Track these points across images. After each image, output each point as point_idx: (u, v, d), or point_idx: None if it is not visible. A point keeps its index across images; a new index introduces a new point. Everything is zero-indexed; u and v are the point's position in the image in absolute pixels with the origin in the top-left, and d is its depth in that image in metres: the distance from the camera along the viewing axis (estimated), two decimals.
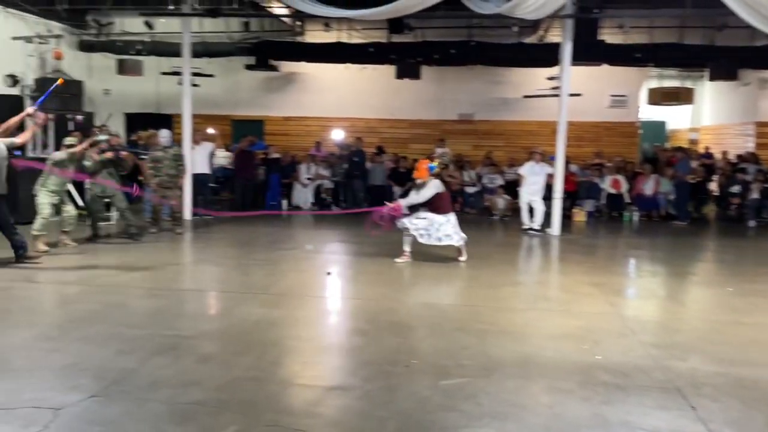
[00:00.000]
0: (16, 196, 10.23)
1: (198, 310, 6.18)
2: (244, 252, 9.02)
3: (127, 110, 16.55)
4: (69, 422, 3.47)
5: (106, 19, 14.73)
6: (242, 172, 13.14)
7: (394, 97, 15.73)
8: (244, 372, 4.32)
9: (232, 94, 16.26)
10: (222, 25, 13.86)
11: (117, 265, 7.60)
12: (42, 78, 11.34)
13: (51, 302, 6.19)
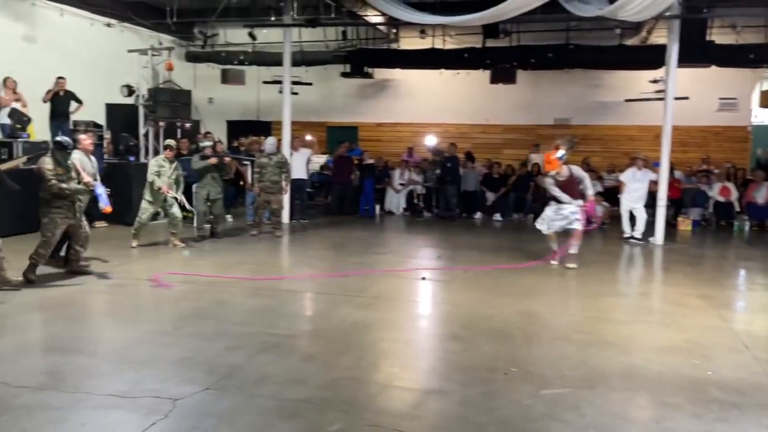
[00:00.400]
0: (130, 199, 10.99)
1: (298, 311, 6.40)
2: (339, 255, 9.22)
3: (228, 118, 17.34)
4: (186, 412, 3.68)
5: (212, 31, 15.51)
6: (339, 177, 13.44)
7: (488, 102, 15.62)
8: (344, 372, 4.43)
9: (327, 101, 16.67)
10: (319, 35, 14.25)
11: (221, 265, 7.96)
12: (155, 88, 12.05)
13: (163, 299, 6.55)
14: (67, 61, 13.02)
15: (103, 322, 5.60)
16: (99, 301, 6.30)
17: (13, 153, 9.77)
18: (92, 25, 13.41)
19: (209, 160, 9.46)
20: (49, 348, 4.80)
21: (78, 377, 4.18)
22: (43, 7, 12.53)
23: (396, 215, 13.86)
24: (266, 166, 10.16)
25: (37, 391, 3.94)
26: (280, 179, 10.28)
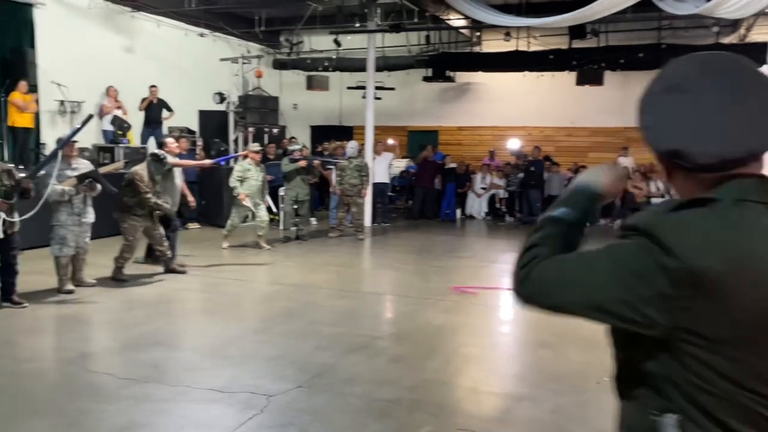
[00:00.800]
0: (221, 202, 11.43)
1: (384, 313, 6.47)
2: (421, 258, 9.24)
3: (312, 123, 17.71)
4: (281, 408, 3.79)
5: (297, 38, 15.93)
6: (422, 180, 13.48)
7: (574, 105, 15.24)
8: (432, 375, 4.44)
9: (408, 106, 16.74)
10: (402, 40, 14.35)
11: (307, 267, 8.16)
12: (245, 95, 12.47)
13: (255, 299, 6.79)
14: (163, 70, 13.70)
15: (200, 319, 5.85)
16: (195, 299, 6.59)
17: (114, 157, 10.35)
18: (186, 36, 14.04)
19: (299, 162, 9.70)
20: (151, 343, 5.05)
21: (179, 371, 4.39)
22: (142, 19, 13.23)
23: (477, 220, 13.76)
24: (346, 170, 10.33)
25: (142, 383, 4.16)
26: (360, 182, 10.43)
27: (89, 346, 4.91)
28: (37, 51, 11.22)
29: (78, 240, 6.38)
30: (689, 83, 1.14)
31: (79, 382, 4.18)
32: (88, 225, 6.50)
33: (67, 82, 11.23)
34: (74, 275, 6.53)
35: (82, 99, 11.87)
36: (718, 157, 1.09)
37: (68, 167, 6.28)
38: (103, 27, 12.60)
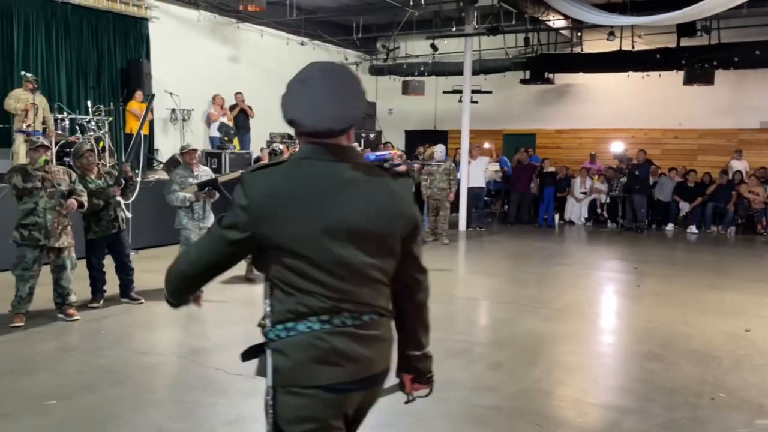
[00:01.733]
0: None
1: (481, 319, 6.41)
2: (519, 264, 9.08)
3: (407, 127, 17.83)
4: (380, 410, 3.70)
5: (394, 44, 16.10)
6: (518, 185, 13.27)
7: (681, 105, 14.50)
8: (534, 383, 4.36)
9: (504, 109, 16.52)
10: (499, 42, 14.19)
11: None
12: None
13: None
14: (265, 78, 14.23)
15: None
16: None
17: (222, 163, 10.85)
18: (288, 45, 14.54)
19: (399, 167, 9.78)
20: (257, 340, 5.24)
21: None
22: (247, 30, 13.82)
23: (577, 225, 13.36)
24: (435, 173, 10.34)
25: (250, 379, 4.32)
26: (448, 186, 10.40)
27: (201, 342, 5.17)
28: (151, 62, 11.98)
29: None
30: (311, 79, 1.75)
31: (192, 376, 4.41)
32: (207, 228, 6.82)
33: (178, 91, 11.90)
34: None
35: (191, 107, 12.54)
36: (310, 128, 1.73)
37: (190, 174, 6.60)
38: (210, 38, 13.25)
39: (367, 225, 1.75)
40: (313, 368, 1.74)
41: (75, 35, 11.07)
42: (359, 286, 1.76)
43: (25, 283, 5.43)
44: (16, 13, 10.26)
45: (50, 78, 10.67)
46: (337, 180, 1.74)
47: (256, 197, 1.71)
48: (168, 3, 12.26)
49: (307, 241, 1.70)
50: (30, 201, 5.43)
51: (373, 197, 1.77)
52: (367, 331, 1.79)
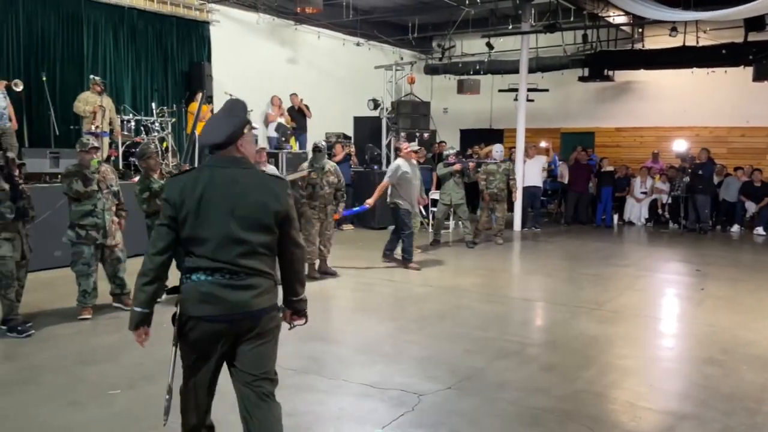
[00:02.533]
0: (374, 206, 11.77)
1: (534, 320, 6.35)
2: (574, 265, 8.93)
3: (461, 126, 17.74)
4: (431, 408, 3.87)
5: (449, 43, 16.05)
6: (575, 184, 13.03)
7: (749, 102, 13.93)
8: (586, 386, 4.30)
9: (562, 107, 16.24)
10: (557, 39, 13.96)
11: (455, 271, 8.20)
12: (397, 101, 12.78)
13: (405, 300, 6.96)
14: (322, 78, 14.44)
15: (354, 317, 6.10)
16: (350, 297, 6.88)
17: (279, 162, 11.06)
18: (344, 45, 14.70)
19: (454, 166, 9.76)
20: (310, 336, 5.34)
21: (336, 365, 4.62)
22: (304, 31, 14.04)
23: (636, 226, 13.03)
24: (494, 173, 10.24)
25: (302, 374, 4.43)
26: (507, 187, 10.32)
27: None
28: (212, 64, 12.32)
29: None
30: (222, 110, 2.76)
31: None
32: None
33: (237, 93, 12.15)
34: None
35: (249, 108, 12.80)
36: (206, 144, 2.78)
37: None
38: (269, 40, 13.53)
39: (248, 212, 2.59)
40: (193, 304, 2.61)
41: (141, 39, 11.50)
42: (239, 252, 2.59)
43: (88, 278, 5.70)
44: (86, 19, 10.74)
45: (117, 81, 11.12)
46: (227, 180, 2.61)
47: (172, 193, 2.61)
48: (228, 6, 12.58)
49: (203, 222, 2.57)
50: (88, 203, 5.65)
51: (254, 193, 2.62)
52: (239, 282, 2.60)
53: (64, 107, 9.63)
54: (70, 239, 5.68)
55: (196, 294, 2.59)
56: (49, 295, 6.24)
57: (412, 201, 8.23)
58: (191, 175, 2.63)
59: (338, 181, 7.61)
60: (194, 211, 2.56)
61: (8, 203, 5.02)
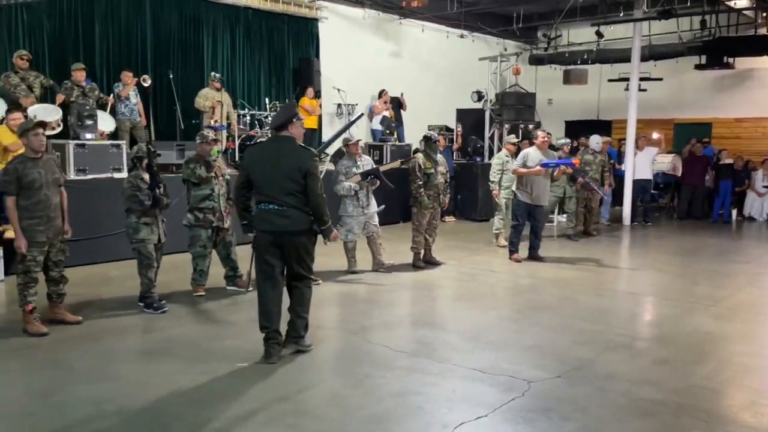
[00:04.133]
0: (476, 197, 11.83)
1: (644, 314, 6.22)
2: (688, 261, 8.60)
3: (567, 118, 17.34)
4: (540, 394, 3.94)
5: (555, 32, 15.72)
6: (690, 177, 12.45)
7: None
8: (701, 381, 4.21)
9: (676, 97, 15.51)
10: (671, 26, 13.36)
11: (560, 263, 8.12)
12: (502, 92, 12.71)
13: (510, 290, 7.00)
14: (426, 71, 14.59)
15: (459, 305, 6.21)
16: (453, 286, 7.00)
17: (383, 154, 11.33)
18: (447, 38, 14.76)
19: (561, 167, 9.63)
20: (419, 322, 5.55)
21: (445, 350, 4.76)
22: (408, 25, 14.23)
23: (758, 222, 12.30)
24: (590, 164, 10.02)
25: (413, 357, 4.61)
26: (602, 178, 10.07)
27: (367, 320, 5.54)
28: (320, 60, 12.76)
29: (367, 227, 7.18)
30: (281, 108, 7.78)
31: (361, 350, 4.78)
32: (373, 214, 7.24)
33: (343, 87, 12.57)
34: (373, 258, 7.38)
35: (355, 102, 13.19)
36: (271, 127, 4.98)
37: (354, 164, 7.11)
38: (374, 35, 13.83)
39: (287, 169, 4.30)
40: (259, 222, 4.42)
41: (254, 37, 12.10)
42: (282, 193, 4.30)
43: (204, 258, 6.18)
44: (205, 19, 11.43)
45: (233, 77, 11.77)
46: (277, 148, 4.41)
47: (246, 157, 4.80)
48: (336, 3, 12.98)
49: (263, 173, 4.37)
50: (207, 188, 6.13)
51: (290, 157, 4.33)
52: (281, 212, 4.32)
53: (185, 103, 10.33)
54: (189, 222, 6.16)
55: (260, 216, 4.42)
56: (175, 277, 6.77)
57: (539, 194, 7.99)
58: (259, 145, 4.69)
59: (446, 171, 7.74)
60: (260, 167, 4.39)
61: (146, 191, 5.52)
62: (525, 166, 7.90)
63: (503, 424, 3.55)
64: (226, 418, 3.56)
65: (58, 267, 5.14)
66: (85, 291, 6.23)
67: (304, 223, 4.36)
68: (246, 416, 3.60)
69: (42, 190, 4.88)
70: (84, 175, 7.47)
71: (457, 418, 3.58)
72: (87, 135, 7.66)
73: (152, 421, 3.52)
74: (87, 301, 5.90)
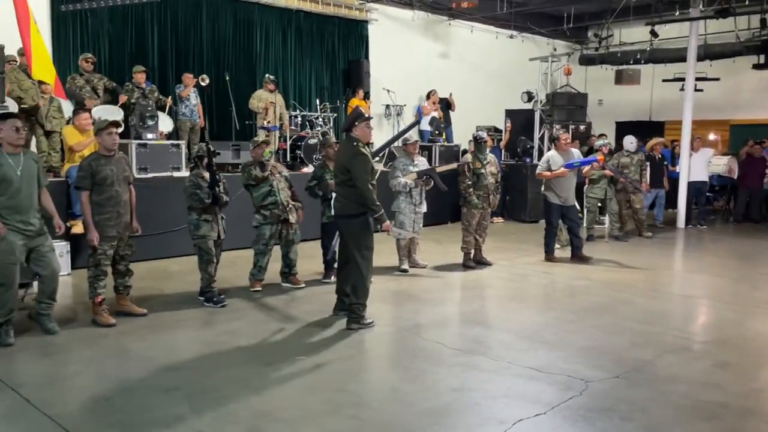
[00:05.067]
0: (525, 198, 11.76)
1: (702, 317, 6.10)
2: (745, 264, 8.37)
3: (618, 119, 17.05)
4: (599, 393, 3.92)
5: (607, 32, 15.50)
6: (747, 179, 12.11)
7: None
8: (766, 385, 4.13)
9: (732, 97, 15.09)
10: (729, 25, 13.02)
11: (612, 265, 8.01)
12: (553, 93, 12.60)
13: (563, 291, 6.95)
14: (475, 72, 14.58)
15: (511, 305, 6.20)
16: (505, 286, 6.98)
17: (432, 155, 11.36)
18: (497, 38, 14.71)
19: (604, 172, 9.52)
20: (471, 321, 5.57)
21: (499, 348, 4.78)
22: (457, 26, 14.24)
23: None
24: (628, 166, 9.88)
25: (468, 354, 4.64)
26: (641, 178, 9.95)
27: (420, 318, 5.60)
28: (370, 62, 12.88)
29: (414, 226, 7.27)
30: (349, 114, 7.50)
31: (415, 347, 4.84)
32: (422, 214, 7.37)
33: (392, 88, 12.65)
34: (409, 257, 7.44)
35: (403, 103, 13.27)
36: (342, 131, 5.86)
37: (410, 163, 7.25)
38: (423, 36, 13.88)
39: (340, 161, 5.24)
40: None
41: (306, 40, 12.31)
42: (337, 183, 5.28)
43: (264, 255, 6.36)
44: (259, 22, 11.69)
45: (285, 79, 11.99)
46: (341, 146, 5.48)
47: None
48: (385, 5, 13.08)
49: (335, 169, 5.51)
50: (265, 185, 6.32)
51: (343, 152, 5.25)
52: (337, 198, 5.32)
53: (239, 104, 10.56)
54: (258, 222, 6.36)
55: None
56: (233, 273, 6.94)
57: (567, 195, 8.02)
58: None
59: (497, 171, 7.75)
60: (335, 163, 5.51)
61: (207, 189, 5.70)
62: (549, 169, 7.91)
63: (562, 422, 3.55)
64: (289, 408, 3.67)
65: (125, 260, 5.35)
66: (149, 285, 6.46)
67: (350, 208, 5.13)
68: (308, 407, 3.69)
69: (113, 187, 5.09)
70: (145, 173, 7.73)
71: (515, 415, 3.60)
72: (148, 135, 7.93)
73: (220, 408, 3.65)
74: (150, 295, 6.12)
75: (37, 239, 4.75)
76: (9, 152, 4.64)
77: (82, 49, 9.55)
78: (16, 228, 4.62)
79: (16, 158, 4.65)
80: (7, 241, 4.58)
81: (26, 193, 4.67)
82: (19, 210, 4.63)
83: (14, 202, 4.61)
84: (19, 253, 4.66)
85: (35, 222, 4.73)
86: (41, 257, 4.80)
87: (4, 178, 4.57)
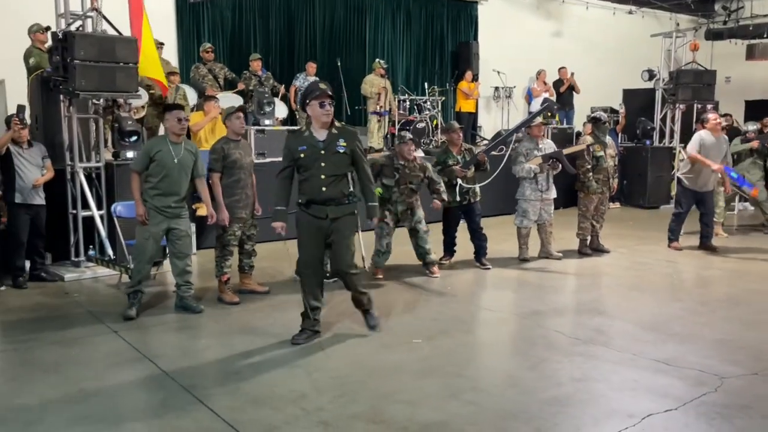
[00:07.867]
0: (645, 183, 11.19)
1: None
2: None
3: (747, 97, 15.81)
4: (735, 390, 3.67)
5: (737, 4, 14.37)
6: None
7: None
8: None
9: None
10: None
11: (745, 256, 7.47)
12: (677, 70, 11.84)
13: (689, 281, 6.57)
14: (587, 51, 13.96)
15: (633, 294, 5.92)
16: (625, 275, 6.66)
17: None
18: (614, 15, 14.03)
19: (751, 143, 8.88)
20: (592, 310, 5.37)
21: (623, 339, 4.58)
22: (571, 3, 13.70)
23: None
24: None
25: (589, 344, 4.48)
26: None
27: (538, 305, 5.46)
28: (479, 43, 12.66)
29: (541, 214, 7.01)
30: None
31: (533, 334, 4.73)
32: (551, 200, 7.05)
33: (502, 69, 12.38)
34: (542, 247, 7.20)
35: (513, 84, 12.95)
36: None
37: (535, 147, 6.91)
38: (534, 15, 13.48)
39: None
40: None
41: (414, 23, 12.28)
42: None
43: (381, 239, 6.27)
44: (369, 7, 11.78)
45: (394, 63, 12.03)
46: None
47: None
48: None
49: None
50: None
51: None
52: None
53: (350, 89, 10.70)
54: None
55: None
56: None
57: (707, 180, 7.45)
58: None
59: (615, 154, 7.41)
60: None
61: None
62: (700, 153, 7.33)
63: (696, 419, 3.35)
64: (408, 390, 3.69)
65: (251, 240, 5.59)
66: (269, 265, 6.70)
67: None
68: (426, 389, 3.70)
69: (241, 170, 5.33)
70: (263, 158, 8.01)
71: (644, 409, 3.44)
72: (266, 121, 8.20)
73: (341, 387, 3.73)
74: (270, 274, 6.36)
75: (175, 221, 5.08)
76: (172, 140, 5.04)
77: (201, 39, 10.01)
78: (155, 207, 4.98)
79: (177, 147, 5.02)
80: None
81: (176, 179, 5.02)
82: (165, 193, 5.00)
83: (164, 185, 4.97)
84: (155, 230, 5.00)
85: (175, 205, 5.06)
86: (176, 239, 5.12)
87: (160, 162, 4.93)
